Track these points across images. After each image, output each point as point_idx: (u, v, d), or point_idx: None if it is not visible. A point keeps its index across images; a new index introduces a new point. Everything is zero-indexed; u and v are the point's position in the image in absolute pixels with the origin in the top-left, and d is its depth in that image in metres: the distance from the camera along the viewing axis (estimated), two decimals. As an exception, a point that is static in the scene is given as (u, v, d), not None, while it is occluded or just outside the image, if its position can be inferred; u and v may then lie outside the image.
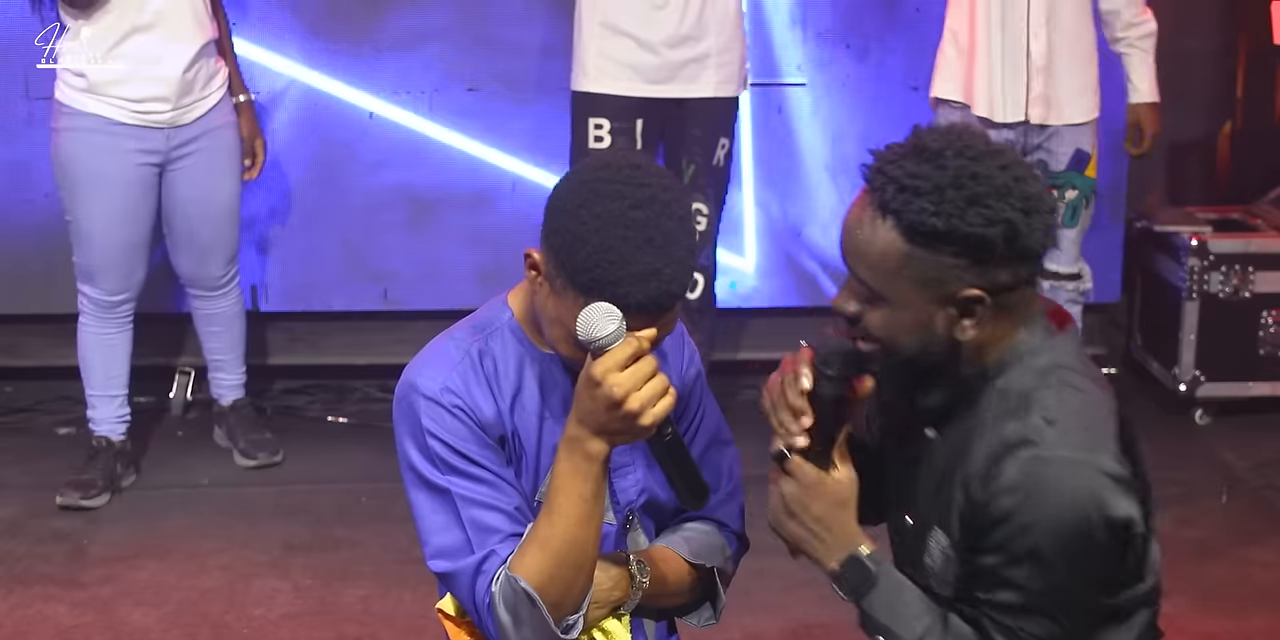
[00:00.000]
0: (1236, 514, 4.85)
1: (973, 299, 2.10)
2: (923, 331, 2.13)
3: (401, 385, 2.31)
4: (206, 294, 5.08)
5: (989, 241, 2.06)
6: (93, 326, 4.91)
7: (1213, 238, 5.51)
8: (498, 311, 2.35)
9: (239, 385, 5.24)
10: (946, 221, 2.05)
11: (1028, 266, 2.12)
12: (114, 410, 4.97)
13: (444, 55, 5.59)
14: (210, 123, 4.84)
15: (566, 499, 2.18)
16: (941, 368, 2.17)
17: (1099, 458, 2.08)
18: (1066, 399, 2.13)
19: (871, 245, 2.11)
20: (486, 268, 5.64)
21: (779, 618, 4.18)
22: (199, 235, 4.95)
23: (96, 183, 4.74)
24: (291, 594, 4.35)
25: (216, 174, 4.89)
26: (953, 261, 2.08)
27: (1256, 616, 4.20)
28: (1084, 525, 2.06)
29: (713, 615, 2.49)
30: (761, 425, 2.27)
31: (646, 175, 2.17)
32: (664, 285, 2.13)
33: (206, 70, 4.80)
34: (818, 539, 2.25)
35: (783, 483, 2.27)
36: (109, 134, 4.71)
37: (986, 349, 2.16)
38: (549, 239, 2.17)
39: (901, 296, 2.11)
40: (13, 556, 4.55)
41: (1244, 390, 5.55)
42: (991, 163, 2.09)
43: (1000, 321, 2.14)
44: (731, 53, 5.00)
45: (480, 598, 2.23)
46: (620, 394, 2.11)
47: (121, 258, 4.82)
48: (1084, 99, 4.92)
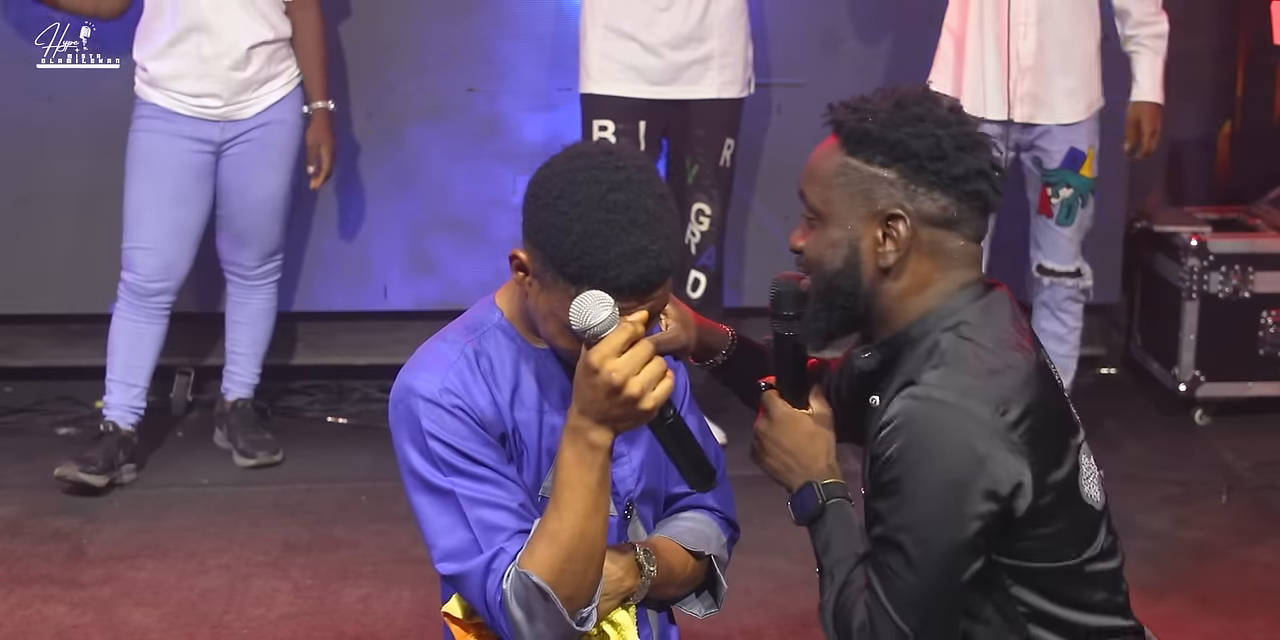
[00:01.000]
0: (1236, 514, 4.84)
1: (895, 217, 2.19)
2: (847, 249, 2.22)
3: (397, 389, 2.30)
4: (241, 282, 5.16)
5: (914, 153, 2.18)
6: (125, 312, 4.98)
7: (1212, 238, 5.51)
8: (487, 312, 2.36)
9: (248, 385, 5.25)
10: (880, 129, 2.19)
11: (957, 206, 2.20)
12: (129, 399, 5.00)
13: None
14: (268, 118, 4.95)
15: (573, 491, 2.18)
16: (861, 302, 2.23)
17: (972, 403, 2.12)
18: (959, 348, 2.18)
19: (818, 162, 2.25)
20: (487, 268, 5.64)
21: (777, 617, 4.18)
22: (235, 222, 5.06)
23: (150, 164, 4.90)
24: (291, 594, 4.35)
25: (261, 166, 4.98)
26: (880, 172, 2.20)
27: (1256, 617, 4.20)
28: (947, 468, 2.11)
29: (714, 603, 2.50)
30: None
31: (620, 159, 2.19)
32: (652, 261, 2.15)
33: (268, 70, 4.92)
34: (787, 469, 2.35)
35: (759, 418, 2.37)
36: (168, 121, 4.90)
37: (910, 296, 2.22)
38: (532, 235, 2.19)
39: (834, 211, 2.22)
40: (13, 556, 4.55)
41: (1244, 390, 5.55)
42: (943, 107, 2.22)
43: (925, 265, 2.22)
44: (735, 54, 5.01)
45: (492, 596, 2.22)
46: (619, 379, 2.11)
47: (165, 241, 4.91)
48: (1077, 99, 4.92)
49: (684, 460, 2.26)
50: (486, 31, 5.61)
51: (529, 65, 5.60)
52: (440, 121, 5.64)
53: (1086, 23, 4.92)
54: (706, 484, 2.28)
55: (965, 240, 2.23)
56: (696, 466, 2.26)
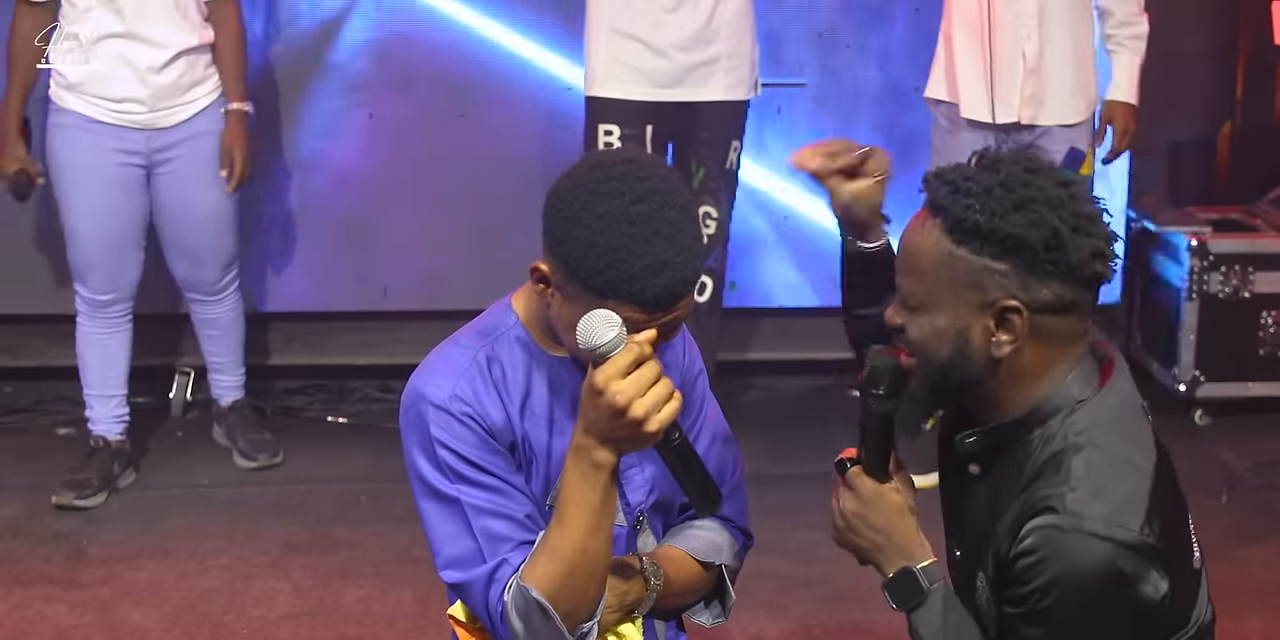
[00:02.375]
0: (1236, 514, 4.84)
1: (1010, 309, 2.08)
2: (957, 339, 2.11)
3: (408, 394, 2.29)
4: (204, 299, 5.08)
5: (1029, 245, 2.06)
6: (87, 326, 4.92)
7: (1212, 238, 5.50)
8: (502, 316, 2.33)
9: (238, 386, 5.24)
10: (990, 220, 2.06)
11: (1073, 290, 2.09)
12: (111, 410, 4.97)
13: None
14: (194, 128, 4.83)
15: (576, 509, 2.17)
16: (972, 391, 2.16)
17: (1118, 531, 2.05)
18: (1096, 465, 2.09)
19: (918, 247, 2.12)
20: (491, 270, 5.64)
21: (779, 618, 4.18)
22: (185, 241, 4.95)
23: (78, 179, 4.77)
24: (291, 594, 4.34)
25: (200, 181, 4.86)
26: (993, 265, 2.07)
27: (1255, 617, 4.20)
28: (1100, 595, 2.05)
29: (722, 612, 2.49)
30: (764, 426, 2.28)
31: (641, 168, 2.16)
32: (677, 273, 2.12)
33: (191, 76, 4.80)
34: (878, 548, 2.25)
35: (843, 497, 2.27)
36: (89, 131, 4.75)
37: (1024, 384, 2.14)
38: (555, 248, 2.15)
39: (940, 300, 2.11)
40: (13, 557, 4.55)
41: (1244, 390, 5.55)
42: (1049, 177, 2.10)
43: (1039, 352, 2.12)
44: (741, 56, 4.98)
45: (493, 607, 2.22)
46: (623, 401, 2.09)
47: (105, 256, 4.83)
48: (1077, 99, 4.94)
49: (689, 483, 2.22)
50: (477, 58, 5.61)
51: (538, 66, 5.60)
52: (442, 122, 5.64)
53: (1085, 23, 4.95)
54: (711, 507, 2.26)
55: (1079, 318, 2.14)
56: (702, 489, 2.23)
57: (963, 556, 2.27)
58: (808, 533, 4.37)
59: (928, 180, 2.14)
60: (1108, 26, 5.03)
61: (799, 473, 4.81)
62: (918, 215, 2.15)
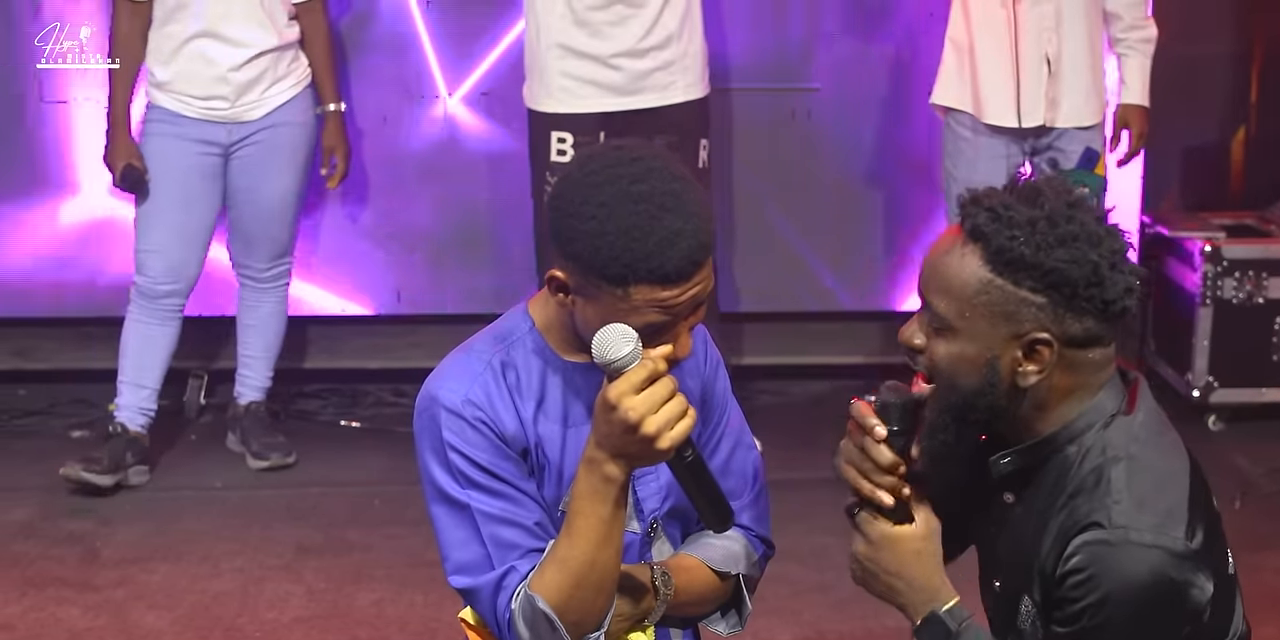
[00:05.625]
0: (1249, 519, 4.83)
1: (1041, 342, 2.09)
2: (985, 368, 2.10)
3: (422, 398, 2.28)
4: (253, 284, 5.19)
5: (1071, 281, 2.06)
6: (136, 314, 5.02)
7: (1226, 243, 5.50)
8: (518, 321, 2.32)
9: (261, 388, 5.26)
10: (1034, 253, 2.06)
11: (1102, 326, 2.12)
12: (138, 401, 5.02)
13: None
14: (275, 120, 4.99)
15: (585, 521, 2.16)
16: (998, 418, 2.15)
17: (1165, 540, 2.06)
18: (1136, 477, 2.10)
19: (953, 271, 2.10)
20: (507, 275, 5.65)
21: (791, 623, 4.18)
22: (244, 224, 5.10)
23: (159, 168, 4.95)
24: (304, 597, 4.35)
25: (269, 169, 5.02)
26: (1030, 297, 2.07)
27: (1269, 624, 4.19)
28: (1153, 605, 2.05)
29: (738, 622, 2.47)
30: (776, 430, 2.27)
31: (631, 151, 2.17)
32: (691, 240, 2.11)
33: (274, 73, 4.97)
34: (896, 592, 2.22)
35: (855, 541, 2.25)
36: (175, 124, 4.96)
37: (1049, 409, 2.14)
38: (565, 249, 2.15)
39: (972, 327, 2.10)
40: (26, 559, 4.56)
41: (1257, 396, 5.54)
42: (1087, 213, 2.10)
43: (1066, 380, 2.13)
44: (693, 55, 4.98)
45: (501, 614, 2.21)
46: (635, 418, 2.08)
47: (172, 244, 4.96)
48: (1092, 101, 4.96)
49: (701, 500, 2.21)
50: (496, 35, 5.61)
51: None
52: (454, 126, 5.64)
53: (1097, 26, 4.97)
54: (724, 525, 2.24)
55: (1105, 349, 2.16)
56: (714, 506, 2.21)
57: (1003, 586, 2.24)
58: (820, 537, 4.37)
59: (964, 204, 2.12)
60: (1116, 30, 5.04)
61: (811, 477, 4.79)
62: (950, 234, 2.14)
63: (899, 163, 5.73)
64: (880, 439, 2.18)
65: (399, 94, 5.64)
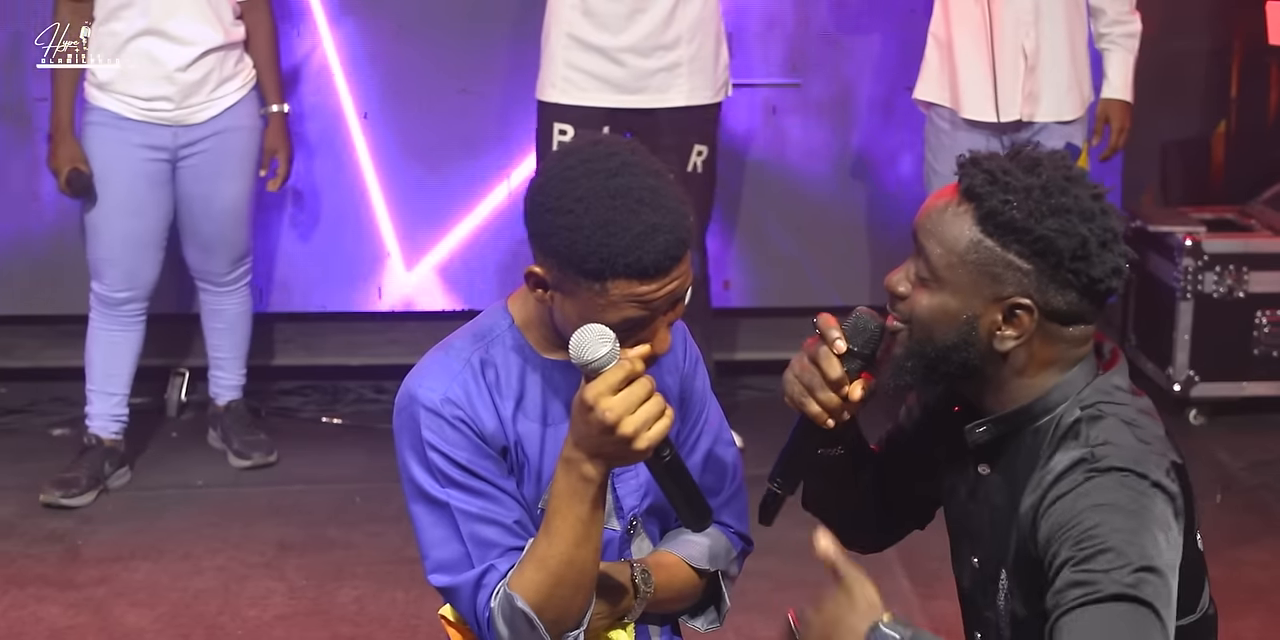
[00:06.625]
0: (1231, 514, 4.84)
1: (1022, 307, 2.11)
2: (963, 325, 2.13)
3: (401, 396, 2.28)
4: (214, 289, 5.11)
5: (1057, 251, 2.09)
6: (98, 322, 4.95)
7: (1207, 238, 5.51)
8: (498, 318, 2.32)
9: (236, 386, 5.23)
10: (1025, 218, 2.09)
11: (1086, 304, 2.13)
12: (109, 408, 4.97)
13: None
14: (222, 124, 4.88)
15: (564, 520, 2.16)
16: (971, 376, 2.17)
17: (1151, 470, 2.08)
18: (1114, 427, 2.12)
19: (947, 226, 2.13)
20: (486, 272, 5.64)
21: (773, 618, 4.17)
22: (201, 231, 4.99)
23: (105, 174, 4.82)
24: (286, 594, 4.34)
25: (222, 174, 4.92)
26: (1017, 261, 2.10)
27: (1250, 616, 4.20)
28: (1138, 510, 2.04)
29: (717, 618, 2.48)
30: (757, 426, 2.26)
31: (608, 146, 2.17)
32: (669, 235, 2.12)
33: (220, 73, 4.84)
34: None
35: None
36: (117, 128, 4.80)
37: (1025, 376, 2.16)
38: (543, 244, 2.15)
39: (956, 281, 2.12)
40: (7, 557, 4.54)
41: (1238, 390, 5.55)
42: (1084, 188, 2.12)
43: (1045, 351, 2.15)
44: (705, 59, 4.94)
45: (480, 612, 2.21)
46: (612, 418, 2.07)
47: (125, 252, 4.86)
48: (1073, 96, 4.96)
49: (679, 499, 2.21)
50: (481, 32, 5.60)
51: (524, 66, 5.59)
52: (436, 121, 5.64)
53: (1079, 20, 4.97)
54: (701, 524, 2.24)
55: (1086, 327, 2.17)
56: (692, 506, 2.22)
57: (981, 562, 2.24)
58: (801, 532, 4.33)
59: (963, 165, 2.15)
60: (1100, 25, 5.06)
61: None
62: (948, 189, 2.17)
63: (885, 158, 5.74)
64: (838, 352, 2.20)
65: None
